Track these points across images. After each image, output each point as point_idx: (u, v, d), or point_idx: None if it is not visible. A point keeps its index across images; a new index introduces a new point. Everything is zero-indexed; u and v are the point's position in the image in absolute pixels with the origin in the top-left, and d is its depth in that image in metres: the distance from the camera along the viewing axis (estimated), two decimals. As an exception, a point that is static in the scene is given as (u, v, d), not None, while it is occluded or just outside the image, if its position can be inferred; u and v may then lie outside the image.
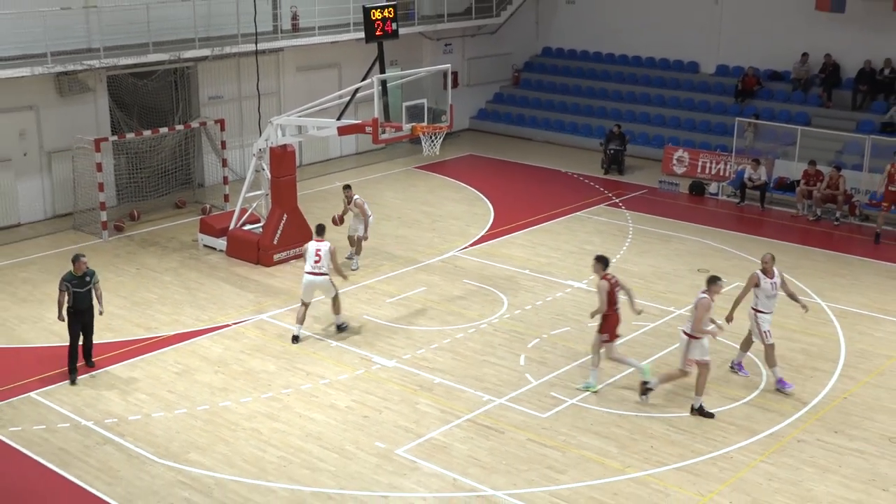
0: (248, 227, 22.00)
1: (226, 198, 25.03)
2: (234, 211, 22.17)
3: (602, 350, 15.59)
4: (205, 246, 22.26)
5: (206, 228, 22.40)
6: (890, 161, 24.29)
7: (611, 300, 15.38)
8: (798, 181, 25.98)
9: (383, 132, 20.04)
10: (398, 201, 26.22)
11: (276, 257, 21.25)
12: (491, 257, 21.77)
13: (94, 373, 16.08)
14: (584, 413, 14.98)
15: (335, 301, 17.71)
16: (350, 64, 29.30)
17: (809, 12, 29.36)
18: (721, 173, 28.32)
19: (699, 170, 28.84)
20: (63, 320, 15.64)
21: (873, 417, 14.96)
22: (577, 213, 25.29)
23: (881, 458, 13.86)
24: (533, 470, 13.42)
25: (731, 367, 16.47)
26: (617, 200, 26.65)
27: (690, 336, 14.87)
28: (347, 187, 21.32)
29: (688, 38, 33.23)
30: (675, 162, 29.34)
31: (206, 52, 25.61)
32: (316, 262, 17.33)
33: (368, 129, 20.04)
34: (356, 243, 21.28)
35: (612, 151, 29.49)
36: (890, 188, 23.75)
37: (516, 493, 12.85)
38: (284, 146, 21.33)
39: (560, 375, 16.19)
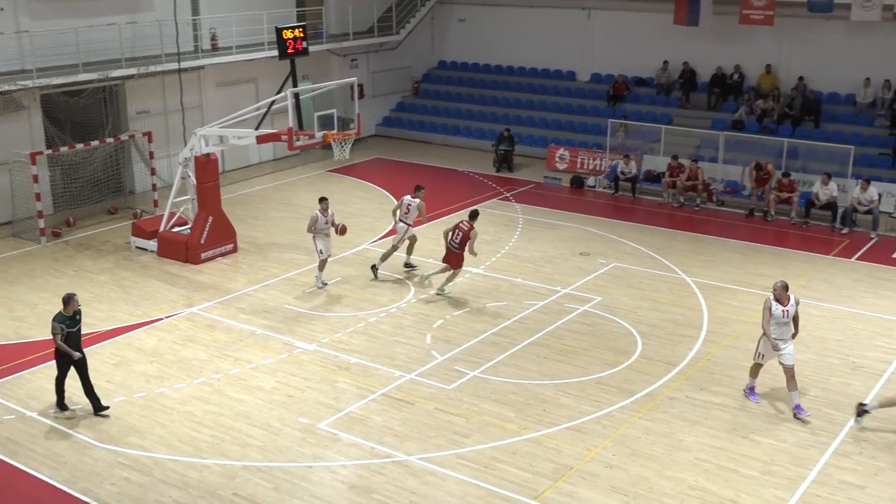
0: (176, 229, 21.53)
1: (155, 203, 24.43)
2: (163, 215, 21.67)
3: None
4: (137, 247, 21.71)
5: (137, 231, 21.87)
6: (753, 160, 25.10)
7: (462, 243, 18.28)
8: (663, 173, 26.48)
9: (297, 140, 19.88)
10: (313, 201, 25.68)
11: (203, 255, 20.84)
12: (398, 249, 21.68)
13: (38, 367, 15.52)
14: (485, 383, 15.05)
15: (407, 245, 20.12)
16: (266, 79, 28.86)
17: (668, 26, 29.93)
18: (597, 168, 28.71)
19: (578, 166, 29.19)
20: (77, 357, 13.70)
21: (733, 375, 15.35)
22: (474, 207, 25.32)
23: (741, 409, 14.24)
24: (441, 436, 13.44)
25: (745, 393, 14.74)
26: (508, 195, 26.82)
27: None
28: (323, 199, 19.46)
29: (565, 49, 33.58)
30: (557, 159, 29.64)
31: (132, 71, 24.93)
32: (405, 213, 19.88)
33: (284, 137, 19.84)
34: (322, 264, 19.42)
35: (502, 152, 29.67)
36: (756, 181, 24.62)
37: (427, 457, 12.85)
38: (208, 155, 20.93)
39: (462, 351, 16.23)
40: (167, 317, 17.82)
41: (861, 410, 13.65)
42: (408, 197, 20.06)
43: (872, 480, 12.33)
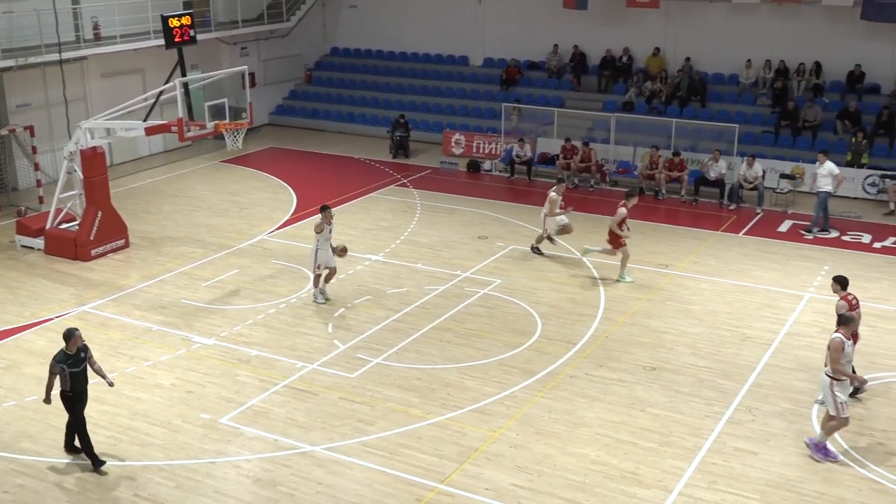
0: (64, 225, 20.82)
1: (40, 199, 23.50)
2: (49, 212, 20.92)
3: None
4: (23, 246, 20.91)
5: (22, 230, 21.03)
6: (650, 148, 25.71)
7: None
8: (557, 155, 26.89)
9: (188, 130, 19.44)
10: (207, 193, 25.44)
11: (93, 252, 20.21)
12: (296, 238, 21.48)
13: (-82, 375, 14.85)
14: (388, 370, 15.05)
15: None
16: (153, 69, 28.06)
17: (558, 10, 30.30)
18: (493, 152, 28.95)
19: (474, 150, 29.37)
20: (49, 403, 12.21)
21: (630, 351, 15.73)
22: (371, 194, 25.30)
23: (637, 384, 14.61)
24: (346, 424, 13.39)
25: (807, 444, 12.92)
26: (405, 181, 26.81)
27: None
28: (326, 208, 17.72)
29: (457, 35, 33.72)
30: (453, 144, 29.76)
31: (9, 62, 23.93)
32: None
33: (174, 128, 19.37)
34: (327, 277, 17.92)
35: (398, 138, 29.63)
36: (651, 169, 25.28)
37: (332, 447, 12.79)
38: (94, 148, 20.28)
39: (364, 339, 16.18)
40: (57, 317, 17.22)
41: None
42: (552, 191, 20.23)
43: (765, 446, 12.82)
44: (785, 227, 22.61)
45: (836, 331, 12.57)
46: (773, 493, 11.75)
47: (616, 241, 18.99)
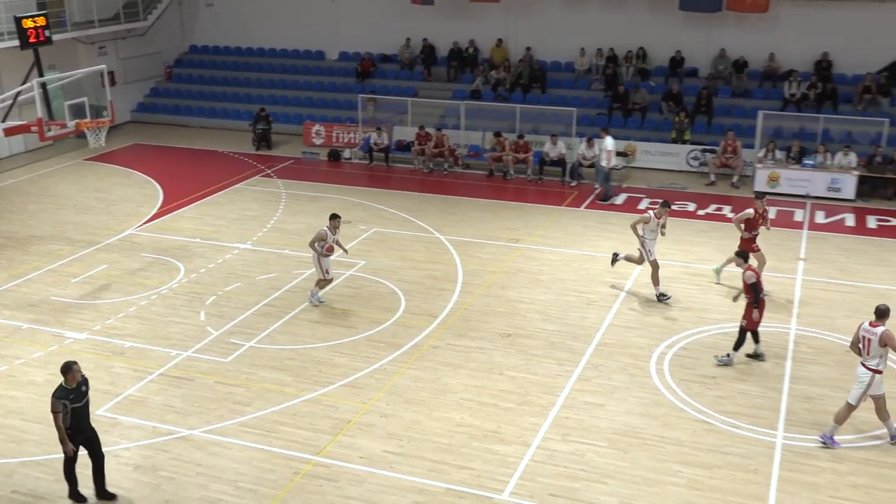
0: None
1: None
2: None
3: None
4: None
5: None
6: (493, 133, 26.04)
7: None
8: (413, 142, 26.98)
9: (49, 130, 18.60)
10: (72, 191, 24.30)
11: (-43, 255, 19.07)
12: (164, 231, 20.82)
13: None
14: (261, 353, 14.82)
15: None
16: (8, 70, 26.50)
17: (407, 5, 30.38)
18: (352, 141, 28.78)
19: (334, 140, 29.12)
20: (71, 451, 10.68)
21: (487, 321, 16.00)
22: (236, 186, 24.74)
23: (495, 350, 14.89)
24: (222, 407, 13.12)
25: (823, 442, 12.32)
26: (269, 171, 26.35)
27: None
28: (335, 217, 16.57)
29: (313, 31, 33.26)
30: (313, 135, 29.42)
31: None
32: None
33: (34, 128, 18.43)
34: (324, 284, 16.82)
35: (260, 131, 29.05)
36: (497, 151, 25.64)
37: (210, 429, 12.52)
38: (-49, 150, 19.10)
39: (237, 324, 15.87)
40: (-78, 321, 16.16)
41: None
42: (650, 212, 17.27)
43: (610, 398, 13.31)
44: (620, 199, 23.43)
45: (876, 324, 11.71)
46: (620, 439, 12.23)
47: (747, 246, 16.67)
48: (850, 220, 21.85)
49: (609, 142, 23.04)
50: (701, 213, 22.34)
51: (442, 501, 10.95)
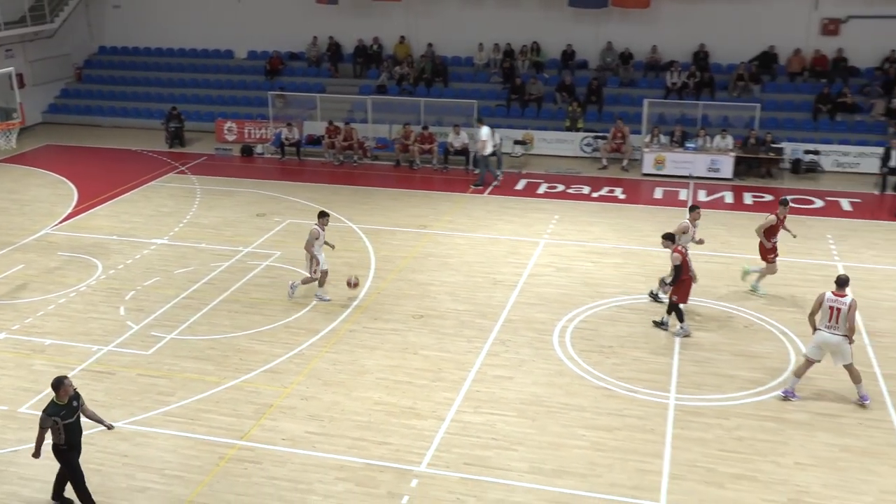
0: None
1: None
2: None
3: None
4: None
5: None
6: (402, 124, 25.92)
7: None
8: (323, 136, 26.72)
9: (-43, 133, 17.64)
10: (-16, 193, 23.26)
11: None
12: (80, 230, 20.11)
13: None
14: (183, 344, 14.50)
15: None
16: (-88, 74, 25.12)
17: (312, 5, 30.04)
18: (263, 137, 28.32)
19: (246, 136, 28.60)
20: (38, 457, 10.12)
21: (400, 303, 16.01)
22: (151, 183, 24.05)
23: (409, 331, 14.92)
24: (146, 398, 12.80)
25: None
26: (183, 168, 25.70)
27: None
28: (324, 214, 16.14)
29: (221, 30, 32.49)
30: (226, 132, 28.82)
31: None
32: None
33: (-59, 131, 17.51)
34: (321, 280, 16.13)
35: (173, 129, 28.28)
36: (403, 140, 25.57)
37: (134, 420, 12.20)
38: None
39: (157, 317, 15.47)
40: None
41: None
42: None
43: (518, 371, 13.51)
44: (521, 185, 23.72)
45: (840, 293, 11.92)
46: (528, 408, 12.44)
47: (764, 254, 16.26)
48: (728, 197, 22.66)
49: (484, 131, 23.28)
50: (595, 195, 22.81)
51: (363, 476, 10.95)
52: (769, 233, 16.03)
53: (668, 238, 14.79)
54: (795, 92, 27.04)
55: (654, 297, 15.89)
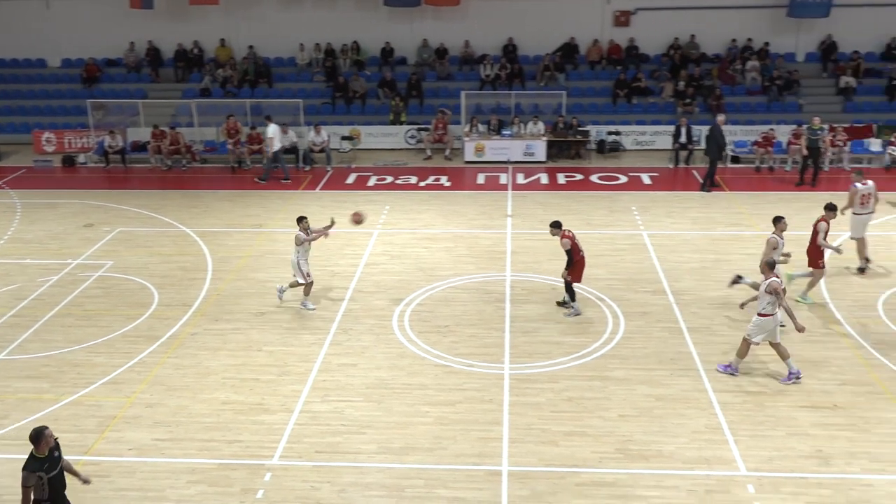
0: None
1: None
2: None
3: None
4: None
5: None
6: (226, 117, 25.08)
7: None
8: (148, 142, 25.48)
9: None
10: None
11: None
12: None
13: None
14: (13, 364, 13.43)
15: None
16: None
17: (127, 10, 28.51)
18: (85, 146, 26.66)
19: (67, 146, 26.82)
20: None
21: (240, 302, 15.57)
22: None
23: (251, 328, 14.54)
24: (-23, 424, 11.81)
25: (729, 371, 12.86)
26: (0, 183, 23.78)
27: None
28: (302, 219, 15.18)
29: (30, 38, 30.17)
30: (44, 143, 26.91)
31: None
32: None
33: None
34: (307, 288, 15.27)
35: (-15, 143, 26.14)
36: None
37: (-34, 448, 11.23)
38: None
39: (-17, 339, 14.29)
40: None
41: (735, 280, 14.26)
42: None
43: (361, 358, 13.48)
44: (351, 179, 23.61)
45: (769, 277, 12.10)
46: (373, 392, 12.44)
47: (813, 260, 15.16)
48: (544, 178, 23.54)
49: (270, 129, 23.16)
50: (422, 184, 23.06)
51: (216, 476, 10.60)
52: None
53: (556, 226, 14.78)
54: (595, 79, 28.43)
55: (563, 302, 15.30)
